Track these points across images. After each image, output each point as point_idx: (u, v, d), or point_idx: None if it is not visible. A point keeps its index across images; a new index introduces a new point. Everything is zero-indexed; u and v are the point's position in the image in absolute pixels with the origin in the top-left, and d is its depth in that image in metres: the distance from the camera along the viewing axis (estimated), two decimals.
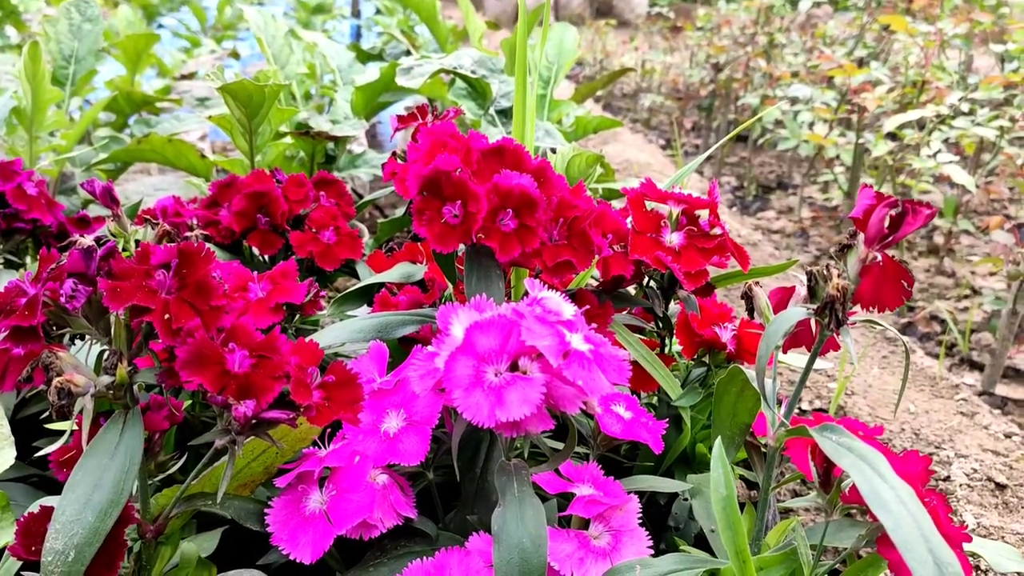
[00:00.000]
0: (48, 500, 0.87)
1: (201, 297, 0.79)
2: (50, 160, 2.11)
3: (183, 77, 3.57)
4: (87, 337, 0.81)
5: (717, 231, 1.10)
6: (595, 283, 1.18)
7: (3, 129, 1.94)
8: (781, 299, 0.86)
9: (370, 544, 0.88)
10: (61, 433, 1.11)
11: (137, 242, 1.22)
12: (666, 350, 1.22)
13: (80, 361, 0.77)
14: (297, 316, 1.17)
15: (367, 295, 1.32)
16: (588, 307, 0.99)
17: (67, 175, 2.24)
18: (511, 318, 0.79)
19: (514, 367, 0.79)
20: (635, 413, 0.98)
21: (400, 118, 1.44)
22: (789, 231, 3.52)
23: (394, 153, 1.43)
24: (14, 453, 0.94)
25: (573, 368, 0.76)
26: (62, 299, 0.75)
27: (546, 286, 0.94)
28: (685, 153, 4.82)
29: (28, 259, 1.55)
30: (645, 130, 5.59)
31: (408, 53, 3.03)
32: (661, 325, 1.20)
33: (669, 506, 1.16)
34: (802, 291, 0.83)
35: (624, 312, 1.17)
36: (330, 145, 2.00)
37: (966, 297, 2.74)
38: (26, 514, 0.78)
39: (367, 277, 1.38)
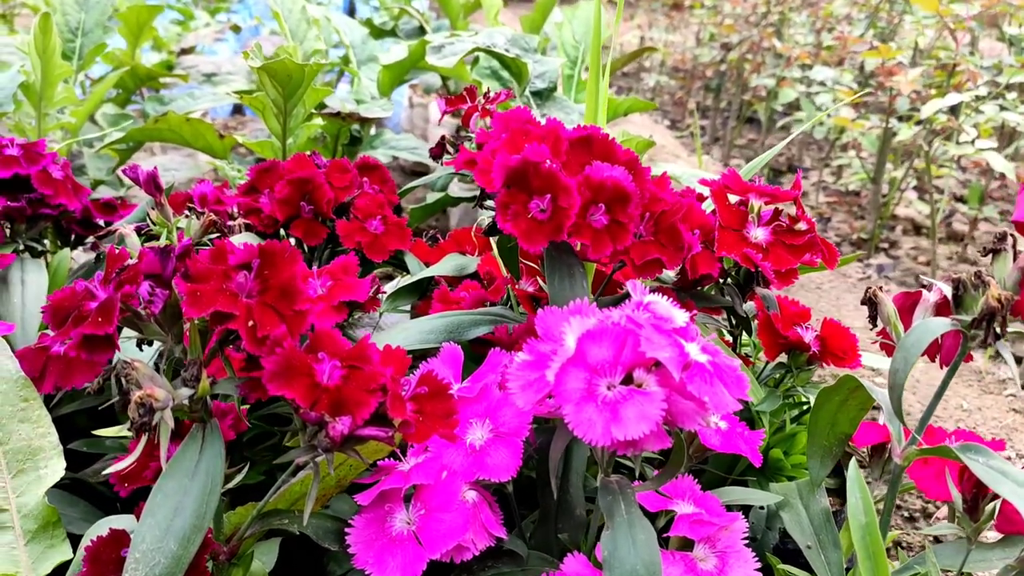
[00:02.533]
0: (114, 522, 0.80)
1: (285, 301, 0.72)
2: (59, 139, 2.01)
3: (182, 51, 3.46)
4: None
5: (802, 226, 1.04)
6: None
7: (11, 106, 1.85)
8: (903, 305, 0.80)
9: (451, 566, 0.82)
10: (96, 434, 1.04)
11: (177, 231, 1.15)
12: (738, 349, 1.17)
13: (154, 371, 0.70)
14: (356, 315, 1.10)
15: (419, 289, 1.25)
16: None
17: (74, 154, 2.14)
18: (625, 326, 0.72)
19: (627, 380, 0.72)
20: (730, 423, 0.92)
21: (448, 100, 1.37)
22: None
23: (443, 137, 1.36)
24: (63, 464, 0.87)
25: (696, 382, 0.70)
26: (138, 304, 0.68)
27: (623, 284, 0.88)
28: (691, 135, 4.74)
29: (47, 244, 1.47)
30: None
31: (421, 29, 2.94)
32: (734, 324, 1.14)
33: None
34: (930, 297, 0.77)
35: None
36: (354, 126, 1.92)
37: None
38: (94, 539, 0.71)
39: (416, 269, 1.31)
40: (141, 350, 0.77)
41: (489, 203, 1.02)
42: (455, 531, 0.76)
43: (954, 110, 2.56)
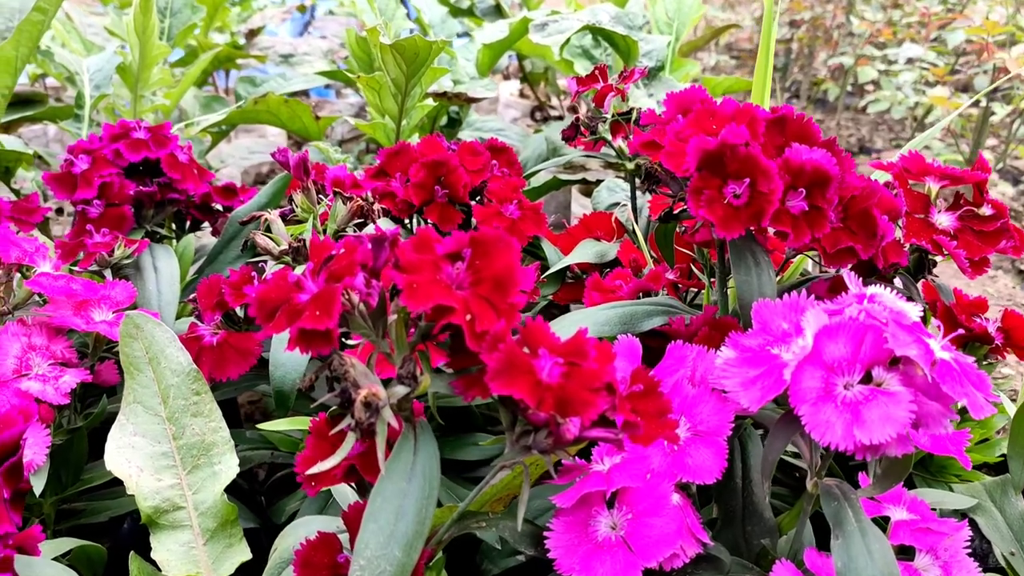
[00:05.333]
0: (310, 523, 0.76)
1: (499, 293, 0.67)
2: (153, 121, 1.99)
3: (251, 32, 3.43)
4: None
5: (987, 210, 0.98)
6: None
7: (109, 88, 1.83)
8: None
9: (656, 572, 0.77)
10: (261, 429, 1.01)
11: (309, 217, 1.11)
12: None
13: (367, 368, 0.66)
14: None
15: (561, 277, 1.21)
16: None
17: None
18: (864, 322, 0.67)
19: (866, 379, 0.67)
20: None
21: (579, 80, 1.32)
22: None
23: (576, 118, 1.31)
24: (236, 460, 0.84)
25: (949, 382, 0.64)
26: (357, 296, 0.64)
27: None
28: None
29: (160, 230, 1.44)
30: None
31: (498, 8, 2.88)
32: None
33: None
34: None
35: None
36: (452, 107, 1.88)
37: None
38: (304, 542, 0.68)
39: (552, 255, 1.27)
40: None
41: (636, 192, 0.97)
42: (669, 537, 0.72)
43: None
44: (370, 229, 1.09)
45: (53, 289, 0.96)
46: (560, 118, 3.00)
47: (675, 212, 0.93)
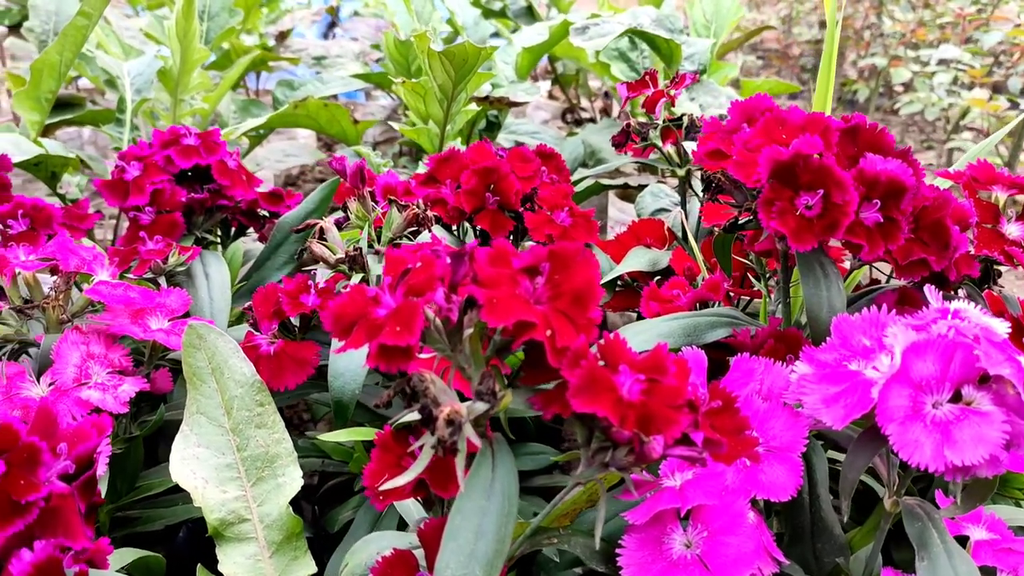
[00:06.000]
0: (389, 537, 0.76)
1: (578, 308, 0.66)
2: (194, 125, 2.00)
3: (280, 35, 3.43)
4: None
5: None
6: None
7: (151, 92, 1.83)
8: None
9: None
10: (322, 439, 1.00)
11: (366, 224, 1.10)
12: None
13: (445, 384, 0.65)
14: None
15: (612, 286, 1.20)
16: None
17: None
18: (953, 339, 0.66)
19: (955, 397, 0.66)
20: None
21: (630, 85, 1.31)
22: None
23: (627, 124, 1.29)
24: (300, 472, 0.83)
25: None
26: (432, 311, 0.63)
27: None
28: None
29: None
30: None
31: (530, 9, 2.87)
32: None
33: None
34: None
35: None
36: (491, 112, 1.87)
37: None
38: (380, 559, 0.67)
39: (604, 264, 1.25)
40: None
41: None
42: (746, 556, 0.71)
43: None
44: (424, 237, 1.08)
45: (112, 297, 0.96)
46: (592, 120, 2.99)
47: (740, 222, 0.91)
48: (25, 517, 0.61)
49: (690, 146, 1.25)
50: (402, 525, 1.04)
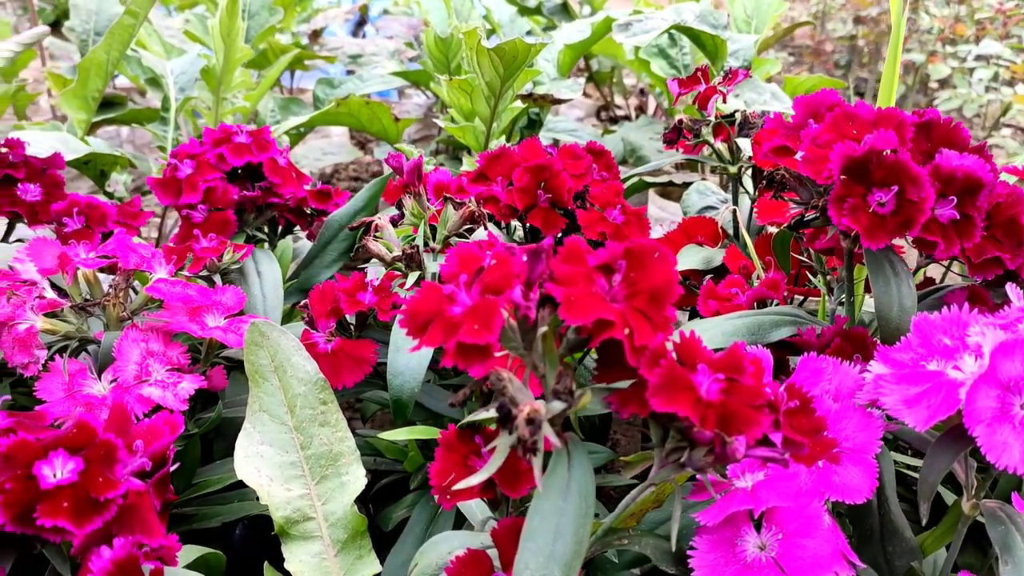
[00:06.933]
0: (459, 537, 0.75)
1: (655, 306, 0.65)
2: (232, 123, 2.00)
3: (314, 34, 3.44)
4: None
5: None
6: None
7: (194, 90, 1.84)
8: None
9: None
10: (382, 437, 1.00)
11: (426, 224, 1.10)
12: None
13: (521, 383, 0.65)
14: None
15: None
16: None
17: None
18: None
19: None
20: None
21: (681, 82, 1.29)
22: None
23: (679, 121, 1.28)
24: (363, 471, 0.83)
25: None
26: (518, 311, 0.63)
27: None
28: None
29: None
30: None
31: (565, 7, 2.86)
32: None
33: None
34: None
35: None
36: (532, 109, 1.86)
37: None
38: (454, 559, 0.67)
39: None
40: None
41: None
42: (824, 560, 0.69)
43: None
44: (479, 234, 1.07)
45: (171, 295, 0.96)
46: (627, 118, 2.97)
47: (806, 219, 0.90)
48: (103, 514, 0.62)
49: (743, 143, 1.23)
50: (458, 524, 1.03)
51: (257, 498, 1.03)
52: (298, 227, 1.38)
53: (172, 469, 0.74)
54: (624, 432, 1.76)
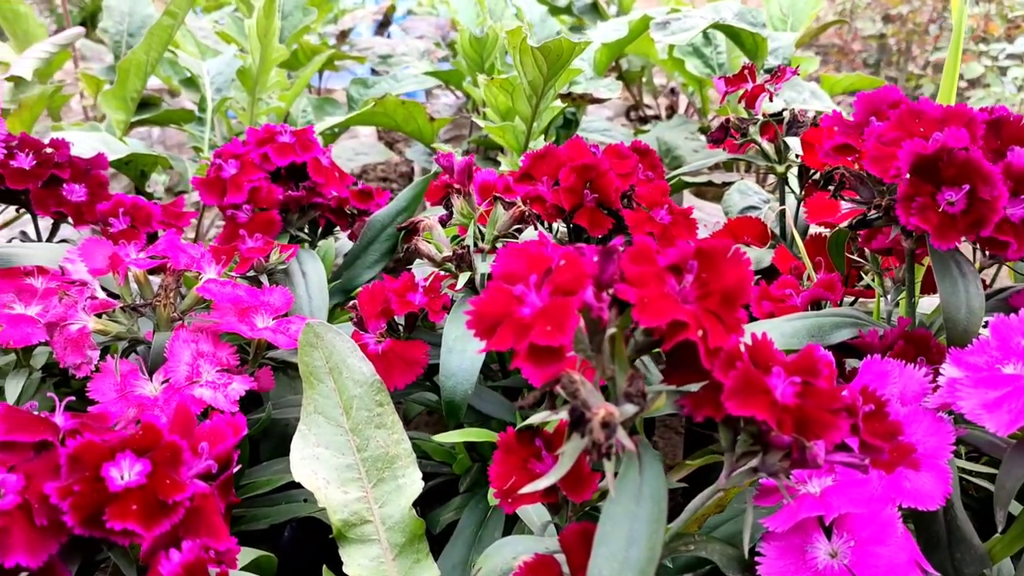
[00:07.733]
0: (524, 542, 0.74)
1: (727, 308, 0.64)
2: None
3: (342, 34, 3.45)
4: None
5: None
6: None
7: (230, 91, 1.84)
8: None
9: None
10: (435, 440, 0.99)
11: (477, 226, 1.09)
12: None
13: (592, 386, 0.63)
14: None
15: None
16: None
17: None
18: None
19: None
20: None
21: (728, 80, 1.28)
22: None
23: (726, 120, 1.26)
24: (420, 474, 0.82)
25: None
26: (591, 312, 0.62)
27: None
28: None
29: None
30: None
31: (595, 6, 2.84)
32: None
33: None
34: None
35: None
36: (569, 108, 1.85)
37: None
38: (521, 564, 0.66)
39: None
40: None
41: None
42: (899, 568, 0.68)
43: None
44: (529, 233, 1.06)
45: (221, 296, 0.96)
46: (656, 117, 2.95)
47: (868, 219, 0.88)
48: (171, 517, 0.61)
49: (792, 141, 1.22)
50: (507, 527, 1.02)
51: (304, 500, 1.04)
52: (337, 227, 1.38)
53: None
54: (661, 435, 1.75)
